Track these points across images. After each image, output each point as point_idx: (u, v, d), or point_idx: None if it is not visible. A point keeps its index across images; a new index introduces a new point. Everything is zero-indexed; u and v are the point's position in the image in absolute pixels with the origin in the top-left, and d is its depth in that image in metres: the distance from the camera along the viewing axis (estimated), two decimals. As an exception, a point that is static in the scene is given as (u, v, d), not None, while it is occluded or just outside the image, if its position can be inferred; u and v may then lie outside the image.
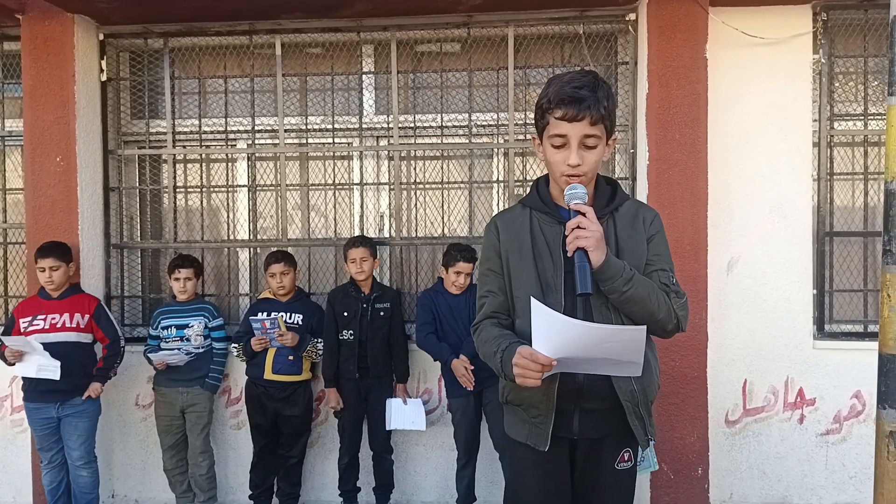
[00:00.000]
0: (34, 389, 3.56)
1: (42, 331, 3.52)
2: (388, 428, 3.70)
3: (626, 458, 1.89)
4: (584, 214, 1.69)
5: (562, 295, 1.80)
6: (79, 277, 3.85)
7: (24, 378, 3.58)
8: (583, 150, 1.75)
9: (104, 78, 4.09)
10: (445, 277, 3.67)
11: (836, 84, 3.93)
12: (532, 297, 1.66)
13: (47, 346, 3.46)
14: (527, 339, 1.72)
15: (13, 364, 3.50)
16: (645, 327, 1.59)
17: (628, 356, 1.62)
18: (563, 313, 1.75)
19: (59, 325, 3.56)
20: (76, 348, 3.57)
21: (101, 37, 4.06)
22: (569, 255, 1.71)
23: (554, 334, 1.61)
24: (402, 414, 3.70)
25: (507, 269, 1.88)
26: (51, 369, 3.46)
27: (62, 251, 3.64)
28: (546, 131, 1.80)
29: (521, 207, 1.95)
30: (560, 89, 1.73)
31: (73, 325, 3.59)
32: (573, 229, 1.68)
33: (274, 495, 3.87)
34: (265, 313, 3.71)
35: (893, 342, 2.27)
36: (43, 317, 3.56)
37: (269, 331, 3.60)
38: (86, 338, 3.63)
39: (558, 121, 1.74)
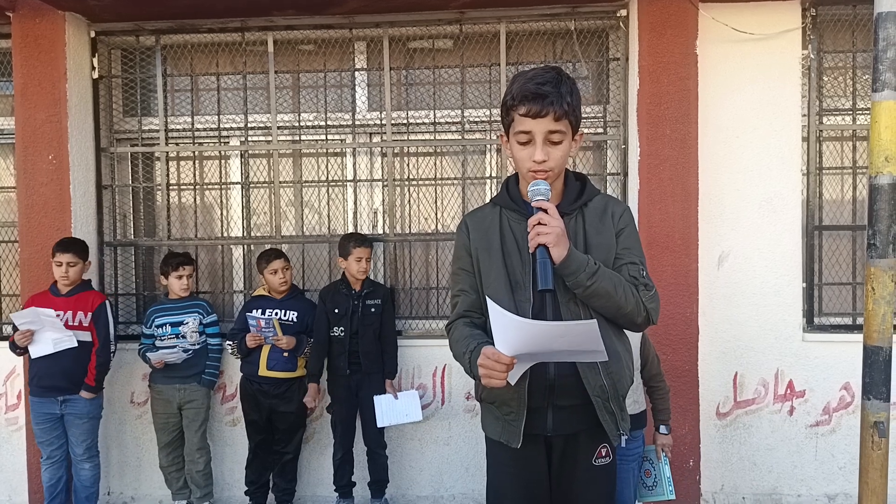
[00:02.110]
0: (38, 385, 3.57)
1: None
2: (379, 425, 3.72)
3: (603, 454, 1.90)
4: (545, 211, 1.71)
5: (530, 292, 1.81)
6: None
7: (31, 368, 3.58)
8: (548, 147, 1.75)
9: (96, 75, 4.08)
10: None
11: (825, 79, 3.96)
12: (489, 299, 1.68)
13: None
14: None
15: (23, 351, 3.51)
16: (595, 321, 1.59)
17: (587, 346, 1.64)
18: (532, 310, 1.78)
19: (64, 323, 3.55)
20: (79, 346, 3.56)
21: (93, 34, 4.05)
22: (530, 251, 1.72)
23: (511, 334, 1.63)
24: (393, 409, 3.72)
25: (477, 267, 1.89)
26: (65, 340, 3.48)
27: (81, 248, 3.66)
28: (511, 128, 1.80)
29: (492, 206, 1.95)
30: (523, 86, 1.74)
31: (76, 324, 3.59)
32: (534, 226, 1.70)
33: (270, 491, 3.90)
34: (260, 310, 3.72)
35: (878, 334, 2.31)
36: None
37: (263, 329, 3.62)
38: (86, 336, 3.62)
39: (522, 117, 1.74)
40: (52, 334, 3.48)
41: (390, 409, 3.72)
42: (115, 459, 4.11)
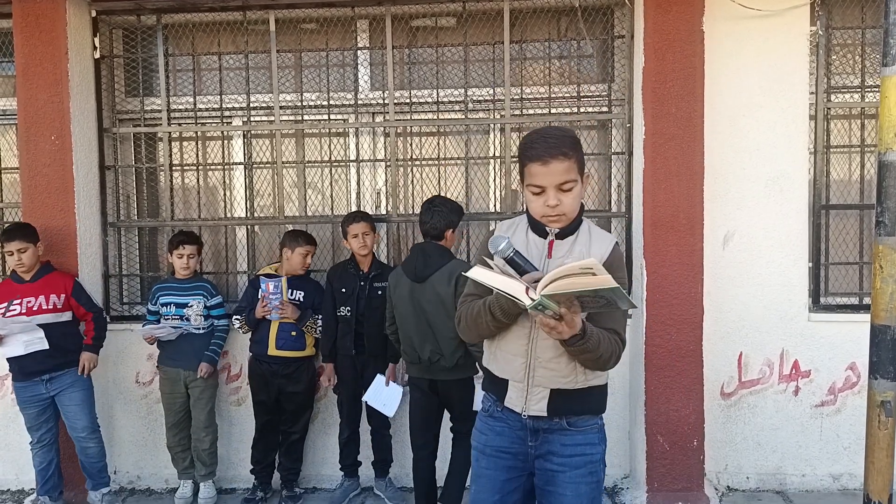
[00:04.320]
0: (20, 371, 3.57)
1: (20, 315, 3.52)
2: (363, 398, 3.71)
3: None
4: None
5: None
6: (76, 257, 3.85)
7: (8, 360, 3.59)
8: None
9: (97, 55, 4.06)
10: None
11: (834, 56, 3.90)
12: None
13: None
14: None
15: None
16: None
17: None
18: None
19: (35, 308, 3.54)
20: (56, 328, 3.57)
21: (94, 14, 4.02)
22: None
23: None
24: (379, 393, 3.70)
25: None
26: (36, 341, 3.49)
27: (27, 232, 3.59)
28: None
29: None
30: None
31: (50, 307, 3.58)
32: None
33: (275, 470, 3.92)
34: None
35: (885, 313, 2.29)
36: (19, 301, 3.54)
37: (271, 295, 3.62)
38: (65, 316, 3.63)
39: None
40: (24, 336, 3.48)
41: (377, 392, 3.70)
42: (121, 439, 4.13)
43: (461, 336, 2.09)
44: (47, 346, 3.50)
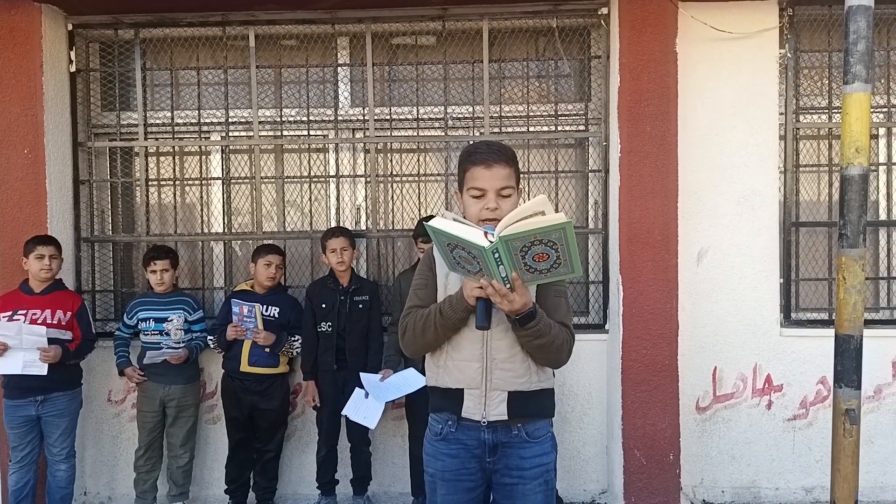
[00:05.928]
0: (15, 386, 3.48)
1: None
2: (342, 413, 3.67)
3: None
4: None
5: None
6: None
7: (4, 375, 3.50)
8: None
9: (73, 69, 4.03)
10: None
11: (802, 78, 4.03)
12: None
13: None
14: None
15: None
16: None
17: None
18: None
19: (39, 322, 3.47)
20: (59, 344, 3.48)
21: (70, 27, 4.00)
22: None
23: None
24: (359, 406, 3.65)
25: None
26: (37, 365, 3.39)
27: (58, 242, 3.61)
28: None
29: None
30: None
31: (55, 322, 3.51)
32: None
33: (250, 489, 3.86)
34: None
35: (849, 323, 2.35)
36: (23, 312, 3.47)
37: (245, 318, 3.58)
38: (66, 335, 3.55)
39: None
40: (26, 355, 3.38)
41: (357, 405, 3.63)
42: (92, 459, 4.04)
43: (403, 350, 2.07)
44: (45, 373, 3.39)
